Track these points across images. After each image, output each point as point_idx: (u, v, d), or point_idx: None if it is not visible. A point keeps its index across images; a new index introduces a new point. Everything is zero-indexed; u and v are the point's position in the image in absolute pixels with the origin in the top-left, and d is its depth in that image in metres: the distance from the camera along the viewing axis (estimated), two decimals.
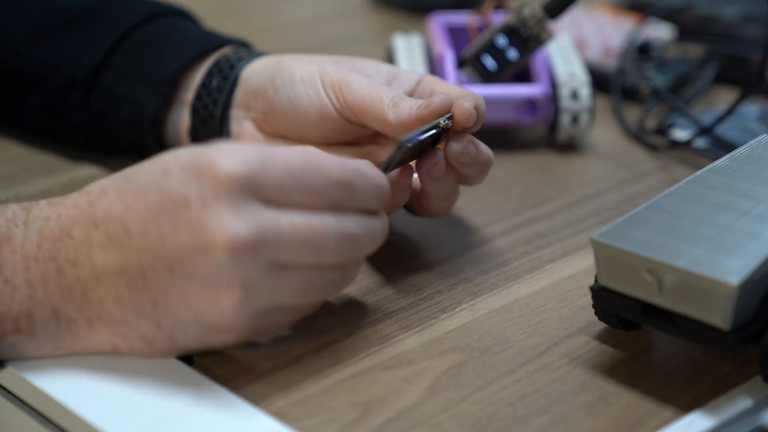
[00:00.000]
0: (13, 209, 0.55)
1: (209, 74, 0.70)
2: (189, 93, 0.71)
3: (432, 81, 0.66)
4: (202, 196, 0.52)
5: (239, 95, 0.69)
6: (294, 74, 0.66)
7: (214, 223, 0.51)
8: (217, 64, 0.70)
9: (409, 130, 0.60)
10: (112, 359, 0.55)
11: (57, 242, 0.54)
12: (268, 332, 0.56)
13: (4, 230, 0.54)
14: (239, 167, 0.52)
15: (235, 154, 0.52)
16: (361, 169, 0.55)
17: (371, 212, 0.56)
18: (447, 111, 0.62)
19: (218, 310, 0.52)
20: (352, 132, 0.66)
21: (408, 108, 0.62)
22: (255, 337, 0.56)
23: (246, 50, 0.71)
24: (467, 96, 0.62)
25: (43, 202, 0.56)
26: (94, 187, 0.55)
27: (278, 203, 0.53)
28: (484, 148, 0.63)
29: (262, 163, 0.52)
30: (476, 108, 0.62)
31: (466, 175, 0.63)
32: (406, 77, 0.66)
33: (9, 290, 0.54)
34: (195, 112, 0.70)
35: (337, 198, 0.54)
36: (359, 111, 0.64)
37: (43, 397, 0.54)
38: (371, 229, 0.56)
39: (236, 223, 0.51)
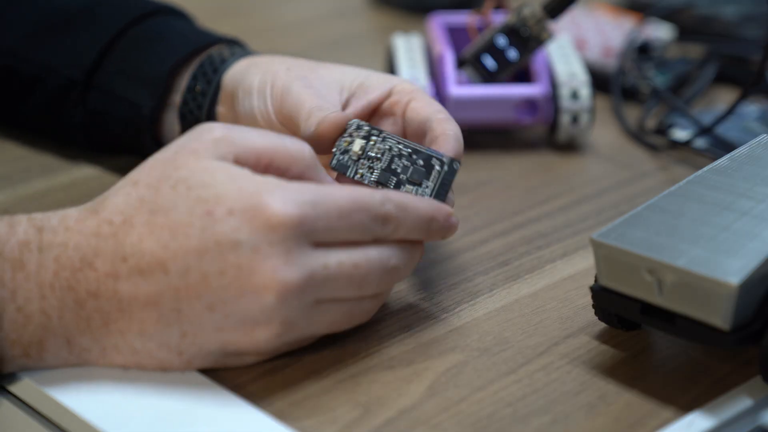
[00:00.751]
0: (24, 228, 0.53)
1: (194, 78, 0.69)
2: (178, 96, 0.71)
3: (408, 93, 0.63)
4: (254, 241, 0.52)
5: (220, 100, 0.68)
6: (252, 85, 0.65)
7: (266, 269, 0.52)
8: (201, 67, 0.70)
9: (314, 144, 0.59)
10: None
11: (77, 272, 0.53)
12: (287, 351, 0.56)
13: (16, 255, 0.53)
14: (293, 213, 0.52)
15: (288, 198, 0.52)
16: (405, 202, 0.55)
17: (410, 241, 0.57)
18: (337, 133, 0.60)
19: (250, 341, 0.53)
20: None
21: (313, 123, 0.60)
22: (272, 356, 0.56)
23: (231, 50, 0.70)
24: (449, 140, 0.60)
25: (55, 221, 0.54)
26: (114, 214, 0.53)
27: (326, 243, 0.53)
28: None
29: (315, 207, 0.52)
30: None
31: None
32: (375, 85, 0.64)
33: (22, 318, 0.53)
34: (182, 117, 0.70)
35: (380, 232, 0.55)
36: (288, 121, 0.63)
37: (44, 399, 0.54)
38: (410, 260, 0.56)
39: (287, 269, 0.52)
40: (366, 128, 0.60)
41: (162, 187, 0.53)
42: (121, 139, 0.73)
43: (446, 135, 0.60)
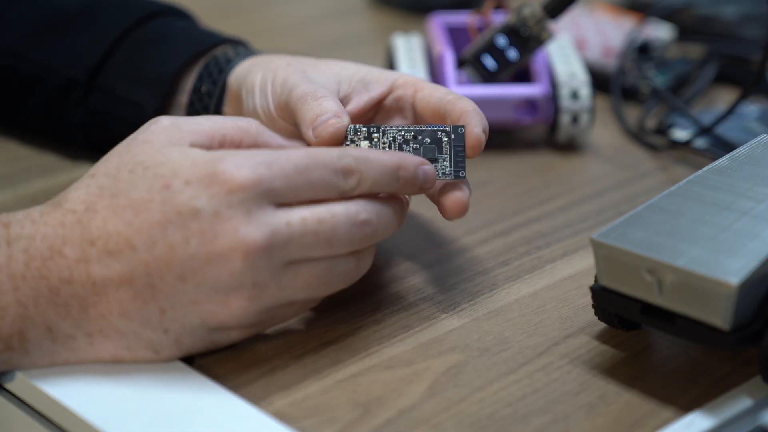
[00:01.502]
0: None
1: (200, 79, 0.70)
2: (184, 96, 0.71)
3: (411, 85, 0.63)
4: (213, 206, 0.52)
5: (227, 100, 0.69)
6: (255, 84, 0.65)
7: (228, 231, 0.52)
8: (206, 68, 0.70)
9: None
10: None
11: (47, 261, 0.53)
12: (274, 325, 0.57)
13: None
14: (250, 175, 0.52)
15: (243, 162, 0.53)
16: (365, 154, 0.55)
17: (384, 198, 0.56)
18: (339, 142, 0.59)
19: (227, 312, 0.53)
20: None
21: (309, 136, 0.60)
22: (261, 331, 0.57)
23: (235, 50, 0.71)
24: (472, 116, 0.60)
25: (20, 216, 0.54)
26: (76, 204, 0.54)
27: (288, 202, 0.54)
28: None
29: (270, 167, 0.53)
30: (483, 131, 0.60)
31: None
32: (376, 81, 0.64)
33: None
34: None
35: (344, 186, 0.55)
36: (287, 114, 0.63)
37: (43, 398, 0.54)
38: (383, 213, 0.56)
39: (250, 229, 0.52)
40: (364, 129, 0.60)
41: (120, 173, 0.54)
42: (122, 139, 0.73)
43: (467, 112, 0.60)
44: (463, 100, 0.61)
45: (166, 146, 0.55)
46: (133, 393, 0.53)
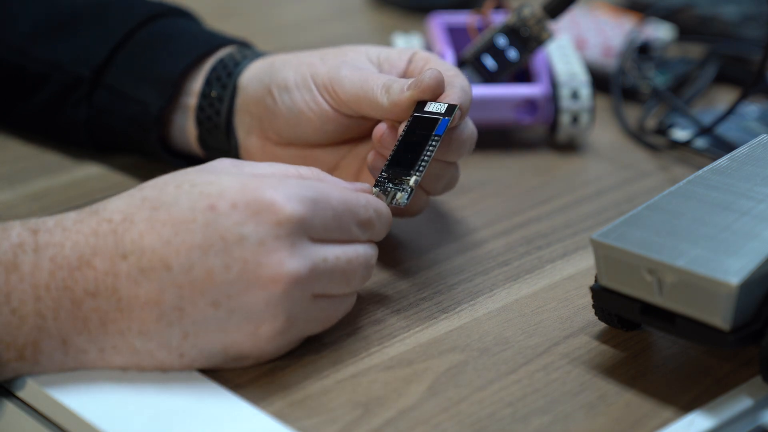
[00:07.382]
0: (18, 231, 0.53)
1: (208, 83, 0.70)
2: (190, 98, 0.71)
3: (423, 58, 0.65)
4: (259, 235, 0.52)
5: (240, 103, 0.69)
6: (288, 81, 0.66)
7: (273, 262, 0.52)
8: (214, 71, 0.70)
9: (403, 111, 0.62)
10: None
11: (74, 272, 0.52)
12: (282, 354, 0.57)
13: (9, 257, 0.52)
14: (299, 210, 0.53)
15: (293, 194, 0.53)
16: (379, 208, 0.58)
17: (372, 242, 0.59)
18: (439, 88, 0.61)
19: (253, 342, 0.54)
20: (354, 129, 0.66)
21: (399, 89, 0.62)
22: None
23: (242, 53, 0.71)
24: (455, 90, 0.62)
25: (51, 223, 0.54)
26: (114, 213, 0.53)
27: (321, 240, 0.55)
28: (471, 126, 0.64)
29: (315, 205, 0.54)
30: (460, 107, 0.62)
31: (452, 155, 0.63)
32: (397, 58, 0.66)
33: (16, 321, 0.52)
34: (200, 122, 0.70)
35: (359, 235, 0.57)
36: (355, 105, 0.64)
37: (42, 397, 0.54)
38: (376, 256, 0.58)
39: (294, 261, 0.53)
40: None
41: (166, 187, 0.54)
42: (125, 138, 0.73)
43: (452, 85, 0.62)
44: (458, 77, 0.63)
45: (221, 172, 0.55)
46: (134, 393, 0.53)
